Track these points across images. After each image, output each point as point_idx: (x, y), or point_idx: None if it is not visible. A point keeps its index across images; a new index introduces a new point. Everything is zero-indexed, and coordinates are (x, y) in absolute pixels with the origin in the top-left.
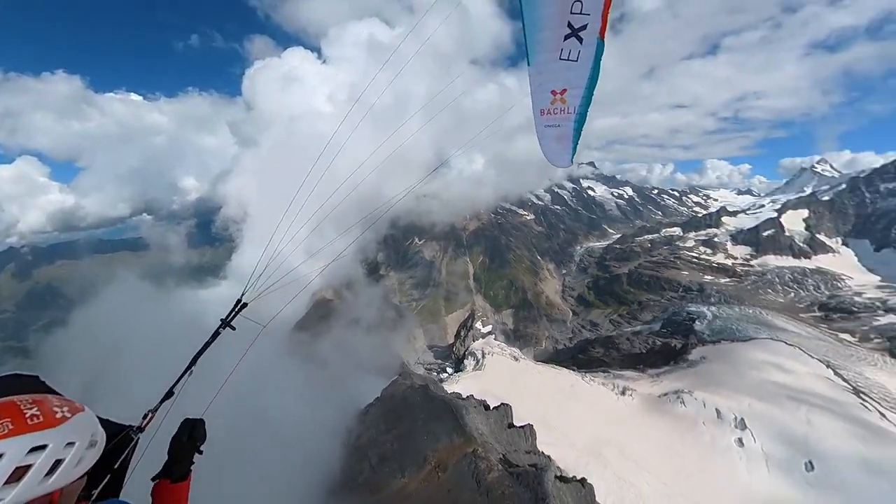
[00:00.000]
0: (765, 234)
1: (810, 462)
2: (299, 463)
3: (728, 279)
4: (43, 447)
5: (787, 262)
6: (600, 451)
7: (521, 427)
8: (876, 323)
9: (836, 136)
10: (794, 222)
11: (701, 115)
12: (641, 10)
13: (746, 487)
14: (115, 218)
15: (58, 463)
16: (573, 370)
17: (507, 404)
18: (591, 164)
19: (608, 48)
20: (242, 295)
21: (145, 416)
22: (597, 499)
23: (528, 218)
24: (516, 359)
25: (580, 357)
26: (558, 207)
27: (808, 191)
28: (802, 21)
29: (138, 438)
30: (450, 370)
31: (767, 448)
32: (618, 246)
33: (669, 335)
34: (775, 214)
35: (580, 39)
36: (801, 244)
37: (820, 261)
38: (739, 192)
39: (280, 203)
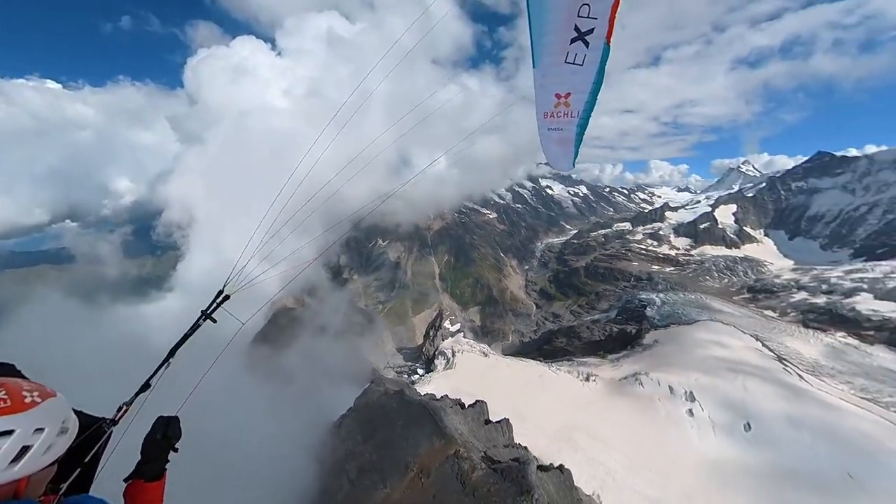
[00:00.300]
0: (701, 226)
1: (748, 423)
2: (272, 486)
3: (672, 268)
4: (9, 432)
5: (721, 251)
6: (571, 436)
7: (498, 422)
8: (791, 300)
9: (757, 140)
10: (725, 216)
11: (645, 120)
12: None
13: (698, 452)
14: (30, 226)
15: (25, 449)
16: (540, 361)
17: (482, 401)
18: (549, 163)
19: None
20: (224, 286)
21: (119, 409)
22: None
23: (491, 217)
24: (486, 354)
25: (545, 348)
26: (519, 206)
27: (736, 188)
28: (729, 40)
29: (111, 432)
30: (421, 371)
31: (713, 415)
32: (575, 241)
33: (625, 322)
34: (710, 209)
35: (586, 43)
36: (731, 235)
37: (747, 250)
38: (679, 190)
39: (230, 204)
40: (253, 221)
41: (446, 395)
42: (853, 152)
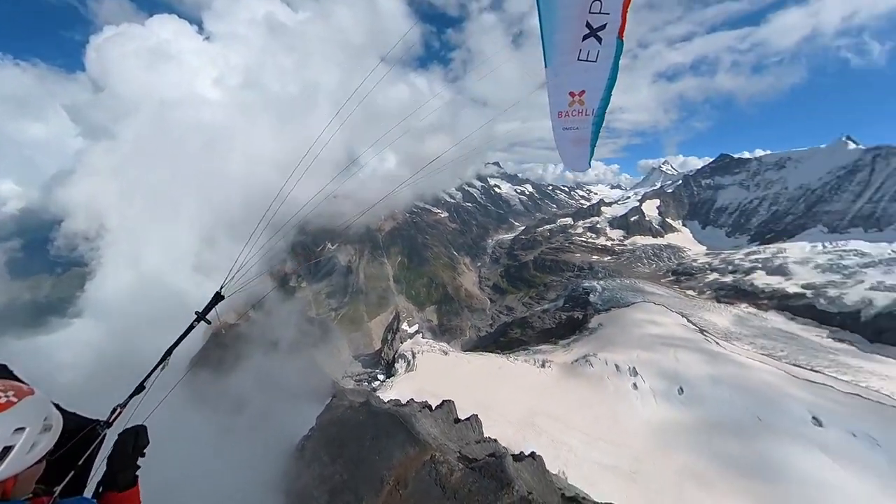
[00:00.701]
0: (632, 219)
1: (681, 388)
2: None
3: (609, 257)
4: None
5: (648, 240)
6: (533, 421)
7: (467, 419)
8: (706, 280)
9: (674, 143)
10: (650, 209)
11: None
12: (537, 29)
13: (643, 419)
14: None
15: (7, 450)
16: (498, 353)
17: (449, 400)
18: (497, 164)
19: (507, 58)
20: (221, 288)
21: (114, 411)
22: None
23: (443, 216)
24: (446, 353)
25: (502, 340)
26: (469, 204)
27: (658, 185)
28: (651, 56)
29: (105, 434)
30: (381, 377)
31: (653, 385)
32: (523, 237)
33: (571, 309)
34: (638, 204)
35: (599, 39)
36: (656, 226)
37: (669, 238)
38: (612, 187)
39: (152, 209)
40: (181, 227)
41: (412, 399)
42: (746, 155)
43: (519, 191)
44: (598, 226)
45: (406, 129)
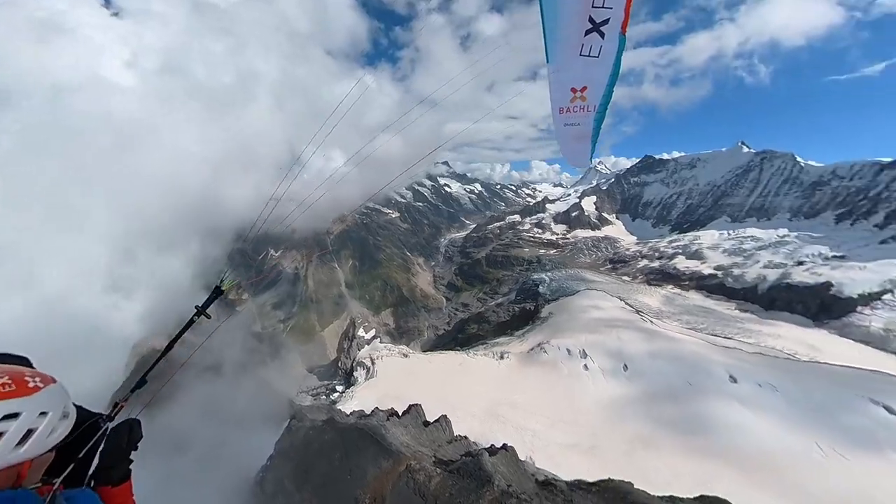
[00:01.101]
0: (573, 214)
1: (625, 365)
2: None
3: (555, 251)
4: (15, 415)
5: (588, 233)
6: (498, 412)
7: (436, 421)
8: (638, 266)
9: (608, 145)
10: (588, 205)
11: (526, 126)
12: (484, 34)
13: (596, 396)
14: None
15: (30, 432)
16: (458, 350)
17: (416, 404)
18: (446, 163)
19: (455, 58)
20: (221, 282)
21: (116, 405)
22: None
23: (394, 216)
24: (406, 355)
25: (460, 337)
26: (420, 204)
27: (595, 183)
28: None
29: (107, 428)
30: (340, 388)
31: (602, 365)
32: (474, 234)
33: (523, 301)
34: (578, 200)
35: (602, 34)
36: (594, 220)
37: (606, 231)
38: (555, 185)
39: (50, 217)
40: (89, 238)
41: (377, 408)
42: (665, 156)
43: (468, 189)
44: (544, 221)
45: (375, 140)
